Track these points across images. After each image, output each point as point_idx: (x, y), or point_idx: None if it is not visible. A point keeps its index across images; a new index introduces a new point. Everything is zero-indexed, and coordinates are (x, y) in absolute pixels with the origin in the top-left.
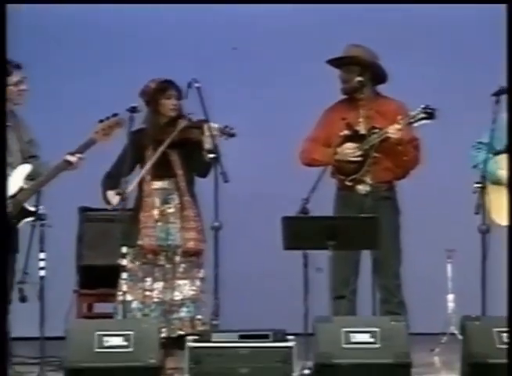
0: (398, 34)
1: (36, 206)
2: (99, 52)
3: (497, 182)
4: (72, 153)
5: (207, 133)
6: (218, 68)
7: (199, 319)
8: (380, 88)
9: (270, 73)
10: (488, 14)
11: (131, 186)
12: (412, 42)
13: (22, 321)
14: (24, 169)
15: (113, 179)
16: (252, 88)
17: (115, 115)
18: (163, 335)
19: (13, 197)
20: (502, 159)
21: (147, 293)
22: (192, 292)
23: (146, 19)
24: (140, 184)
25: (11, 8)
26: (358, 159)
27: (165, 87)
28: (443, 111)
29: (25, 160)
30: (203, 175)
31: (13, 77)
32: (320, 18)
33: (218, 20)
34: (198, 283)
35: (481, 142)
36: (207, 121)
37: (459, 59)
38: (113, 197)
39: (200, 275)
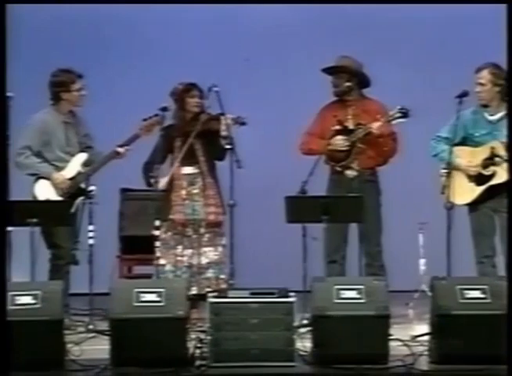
0: (383, 41)
1: (88, 187)
2: (141, 59)
3: (454, 169)
4: (120, 145)
5: (223, 122)
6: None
7: (222, 279)
8: (365, 91)
9: (277, 76)
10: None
11: (164, 181)
12: (394, 48)
13: (75, 280)
14: (81, 157)
15: (149, 166)
16: (262, 88)
17: (156, 115)
18: (193, 293)
19: (72, 179)
20: (459, 151)
21: (178, 258)
22: (216, 257)
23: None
24: (172, 169)
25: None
26: (347, 149)
27: (190, 88)
28: (414, 109)
29: (82, 150)
30: (221, 158)
31: (76, 85)
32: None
33: (230, 22)
34: (220, 249)
35: (439, 136)
36: (223, 113)
37: (432, 65)
38: (156, 183)
39: (222, 242)
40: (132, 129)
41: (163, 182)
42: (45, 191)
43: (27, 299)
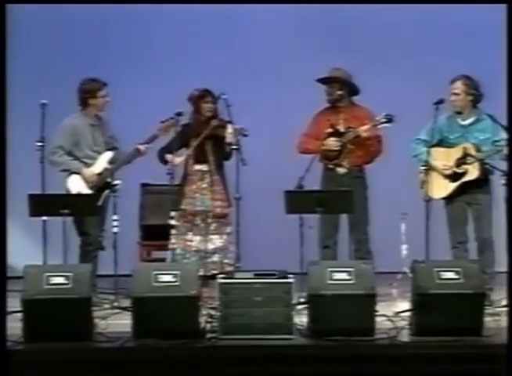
0: (372, 54)
1: (114, 181)
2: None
3: (431, 169)
4: (141, 144)
5: (229, 131)
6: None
7: (226, 263)
8: (355, 98)
9: (278, 85)
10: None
11: (180, 160)
12: (381, 60)
13: (102, 263)
14: (107, 155)
15: (164, 151)
16: (265, 91)
17: (172, 118)
18: (200, 274)
19: (99, 174)
20: (436, 151)
21: (187, 243)
22: (221, 244)
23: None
24: (185, 167)
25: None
26: (338, 149)
27: (204, 94)
28: (397, 115)
29: (108, 149)
30: (227, 159)
31: (101, 92)
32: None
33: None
34: (225, 236)
35: (419, 139)
36: (230, 122)
37: (413, 75)
38: (173, 159)
39: (227, 231)
40: (151, 130)
41: (178, 160)
42: (76, 185)
43: (60, 280)
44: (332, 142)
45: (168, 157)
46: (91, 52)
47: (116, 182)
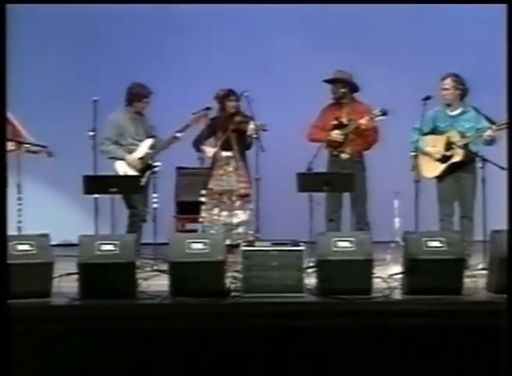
0: (370, 54)
1: (154, 163)
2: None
3: (425, 154)
4: (177, 132)
5: (251, 127)
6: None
7: (249, 234)
8: (355, 95)
9: (292, 84)
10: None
11: (213, 151)
12: (378, 61)
13: (144, 233)
14: (148, 142)
15: (197, 141)
16: (280, 89)
17: (202, 110)
18: (227, 243)
19: (141, 158)
20: (428, 139)
21: (215, 217)
22: (245, 218)
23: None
24: (214, 153)
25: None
26: (342, 138)
27: (228, 94)
28: (392, 108)
29: (148, 137)
30: (248, 148)
31: (145, 99)
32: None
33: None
34: (248, 212)
35: (415, 128)
36: (252, 118)
37: (405, 74)
38: (208, 150)
39: (250, 207)
40: (185, 121)
41: (210, 151)
42: (122, 168)
43: (109, 247)
44: (336, 133)
45: (205, 148)
46: (133, 56)
47: (157, 163)
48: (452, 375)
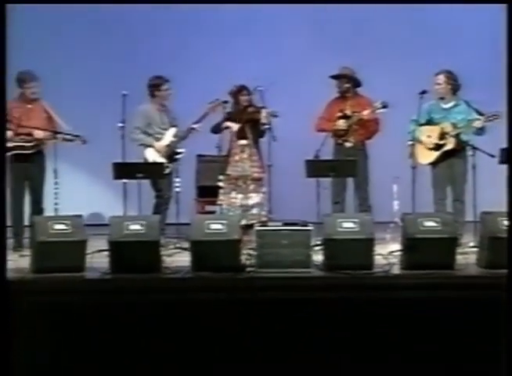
0: (372, 52)
1: (179, 149)
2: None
3: (421, 143)
4: (195, 122)
5: (263, 115)
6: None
7: (262, 215)
8: (358, 89)
9: (302, 80)
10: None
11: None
12: (379, 57)
13: (167, 215)
14: (172, 131)
15: (216, 127)
16: (291, 84)
17: (217, 99)
18: (243, 223)
19: (168, 146)
20: (424, 129)
21: (232, 200)
22: (258, 200)
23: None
24: (230, 142)
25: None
26: (346, 128)
27: (241, 89)
28: (392, 102)
29: (171, 126)
30: (261, 136)
31: (164, 86)
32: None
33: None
34: (262, 195)
35: (412, 119)
36: (264, 107)
37: (403, 70)
38: (233, 125)
39: (263, 190)
40: (202, 110)
41: (235, 126)
42: (151, 155)
43: (137, 227)
44: (341, 124)
45: (229, 124)
46: (158, 55)
47: (181, 150)
48: (446, 340)
